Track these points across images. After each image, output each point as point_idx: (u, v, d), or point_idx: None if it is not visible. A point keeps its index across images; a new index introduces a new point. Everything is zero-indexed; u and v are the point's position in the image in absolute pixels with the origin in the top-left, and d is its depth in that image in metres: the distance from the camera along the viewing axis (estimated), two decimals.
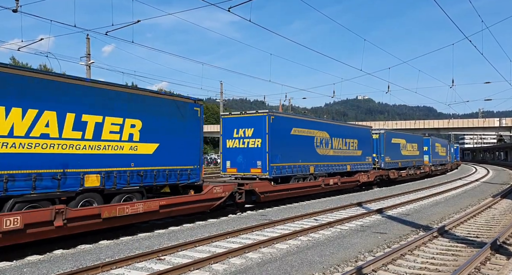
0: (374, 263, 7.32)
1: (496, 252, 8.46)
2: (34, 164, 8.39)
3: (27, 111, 8.27)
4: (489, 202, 16.79)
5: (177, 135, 11.84)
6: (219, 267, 7.46)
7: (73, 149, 9.11)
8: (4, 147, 7.91)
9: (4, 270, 7.32)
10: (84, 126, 9.38)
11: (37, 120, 8.46)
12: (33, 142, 8.40)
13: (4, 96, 7.90)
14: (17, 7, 13.25)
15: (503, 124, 73.68)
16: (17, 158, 8.10)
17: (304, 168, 17.86)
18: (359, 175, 22.35)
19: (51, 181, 8.71)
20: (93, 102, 9.57)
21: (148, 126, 10.92)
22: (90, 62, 25.30)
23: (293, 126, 17.24)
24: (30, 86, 8.36)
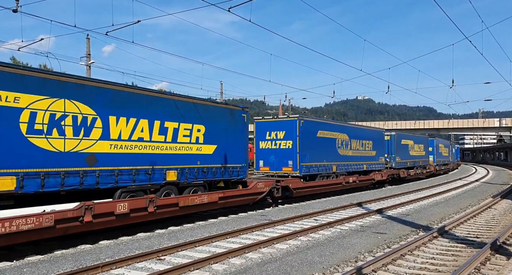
0: (374, 263, 7.32)
1: (496, 252, 8.46)
2: (134, 162, 10.51)
3: (129, 120, 10.41)
4: (489, 203, 16.79)
5: (230, 137, 13.89)
6: (219, 267, 7.46)
7: (158, 149, 11.24)
8: (115, 148, 10.04)
9: (4, 270, 7.32)
10: (166, 131, 11.51)
11: (135, 127, 10.60)
12: (133, 144, 10.54)
13: (115, 108, 10.04)
14: (17, 7, 13.26)
15: (503, 124, 73.73)
16: (123, 157, 10.24)
17: (328, 167, 19.67)
18: (374, 174, 24.05)
19: (145, 176, 10.82)
20: (171, 111, 11.69)
21: (210, 130, 13.04)
22: (90, 62, 25.31)
23: (318, 129, 19.03)
24: (131, 99, 10.49)
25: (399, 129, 70.25)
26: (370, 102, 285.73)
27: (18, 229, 7.59)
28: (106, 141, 9.82)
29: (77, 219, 8.76)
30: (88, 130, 9.45)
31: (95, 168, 9.56)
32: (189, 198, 11.74)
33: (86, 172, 9.39)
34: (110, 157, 9.88)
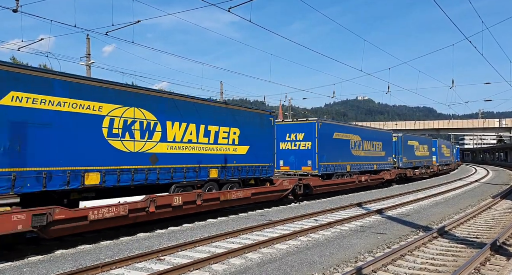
0: (374, 263, 7.32)
1: (496, 253, 8.46)
2: (185, 161, 12.04)
3: (181, 124, 12.01)
4: (489, 203, 16.78)
5: (260, 139, 15.38)
6: (219, 267, 7.46)
7: (203, 150, 12.80)
8: (171, 149, 11.60)
9: (4, 270, 7.31)
10: (209, 134, 13.05)
11: (186, 130, 12.18)
12: (184, 145, 12.11)
13: (171, 114, 11.66)
14: (17, 7, 13.25)
15: (503, 124, 73.75)
16: (177, 156, 11.80)
17: (343, 166, 21.04)
18: (383, 173, 25.63)
19: (193, 173, 12.36)
20: (213, 116, 13.21)
21: (244, 133, 14.54)
22: (90, 62, 25.31)
23: (334, 131, 20.42)
24: (182, 106, 12.10)
25: (400, 129, 70.26)
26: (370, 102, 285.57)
27: (103, 217, 9.37)
28: (164, 143, 11.46)
29: (143, 210, 10.48)
30: (151, 134, 11.08)
31: (156, 166, 11.17)
32: (228, 193, 13.41)
33: (150, 170, 10.97)
34: (167, 156, 11.50)
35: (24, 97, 8.35)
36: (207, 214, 13.40)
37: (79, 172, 9.22)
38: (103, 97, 9.82)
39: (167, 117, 11.55)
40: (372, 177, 23.90)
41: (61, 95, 9.00)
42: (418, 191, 22.92)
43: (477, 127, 77.24)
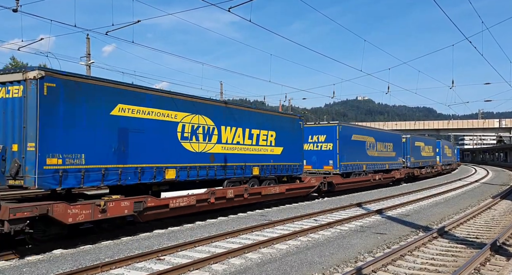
0: (374, 263, 7.31)
1: (496, 253, 8.46)
2: (234, 160, 13.99)
3: (232, 128, 14.00)
4: (488, 203, 16.79)
5: (292, 141, 17.21)
6: (219, 267, 7.46)
7: (248, 151, 14.75)
8: (224, 149, 13.59)
9: (4, 269, 7.31)
10: (252, 136, 15.01)
11: (235, 133, 14.15)
12: (234, 146, 14.07)
13: (224, 119, 13.70)
14: (17, 6, 13.24)
15: (502, 125, 73.74)
16: (229, 156, 13.76)
17: (360, 166, 22.76)
18: (394, 172, 27.55)
19: (240, 170, 14.31)
20: (255, 121, 15.23)
21: (279, 135, 16.44)
22: (90, 62, 25.30)
23: (353, 133, 22.15)
24: (232, 113, 14.15)
25: (400, 129, 70.25)
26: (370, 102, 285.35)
27: (179, 205, 11.48)
28: (219, 144, 13.37)
29: (206, 200, 12.45)
30: (210, 136, 13.04)
31: (214, 164, 13.11)
32: (268, 189, 15.40)
33: (210, 167, 12.91)
34: (221, 156, 13.42)
35: (126, 108, 10.32)
36: (207, 214, 13.40)
37: (162, 168, 11.21)
38: (177, 107, 11.86)
39: (222, 122, 13.55)
40: (385, 176, 25.78)
41: (149, 106, 10.96)
42: (418, 191, 22.92)
43: (477, 128, 77.24)
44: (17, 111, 8.53)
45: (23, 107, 8.44)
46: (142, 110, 10.72)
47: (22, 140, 8.42)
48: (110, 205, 9.53)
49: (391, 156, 27.45)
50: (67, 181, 8.93)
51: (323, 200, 18.63)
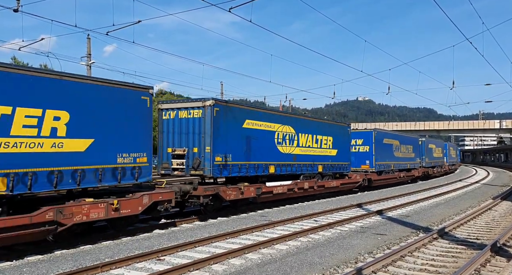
0: (374, 264, 7.31)
1: (496, 254, 8.45)
2: (307, 159, 17.81)
3: (305, 135, 17.78)
4: (489, 204, 16.77)
5: (343, 144, 20.97)
6: (219, 267, 7.46)
7: (315, 152, 18.46)
8: (301, 151, 17.38)
9: (4, 269, 7.31)
10: (318, 141, 18.75)
11: (307, 138, 17.93)
12: (306, 149, 17.87)
13: (301, 128, 17.46)
14: (18, 6, 13.27)
15: (503, 126, 73.63)
16: (304, 156, 17.64)
17: (389, 165, 26.66)
18: (414, 171, 31.53)
19: (310, 168, 18.06)
20: (319, 128, 19.04)
21: (334, 139, 20.12)
22: (91, 62, 25.31)
23: (384, 137, 26.10)
24: (305, 123, 18.30)
25: (400, 130, 70.21)
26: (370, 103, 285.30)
27: (277, 192, 15.65)
28: (298, 147, 17.27)
29: (292, 190, 16.45)
30: (292, 141, 16.90)
31: (295, 162, 17.01)
32: (329, 183, 19.27)
33: (292, 165, 16.84)
34: (299, 156, 17.28)
35: (250, 122, 14.54)
36: (206, 214, 13.39)
37: (267, 165, 15.27)
38: (275, 119, 15.98)
39: (300, 130, 17.38)
40: (407, 174, 29.93)
41: (261, 120, 15.16)
42: (418, 192, 22.91)
43: (478, 128, 77.14)
44: (197, 126, 12.98)
45: (202, 124, 12.84)
46: (258, 123, 14.97)
47: (201, 145, 12.77)
48: (245, 189, 13.94)
49: (411, 157, 31.44)
50: (224, 172, 13.32)
51: (324, 201, 18.64)
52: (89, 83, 9.40)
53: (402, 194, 21.20)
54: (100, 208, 9.19)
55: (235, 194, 13.54)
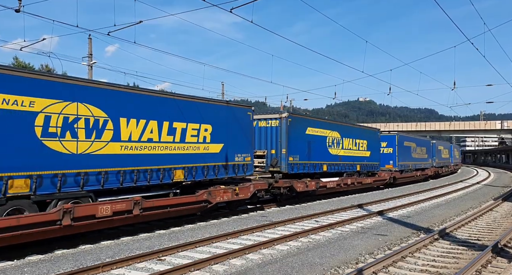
0: (375, 265, 7.30)
1: (497, 255, 8.44)
2: (350, 159, 21.26)
3: (348, 139, 21.19)
4: (490, 205, 16.75)
5: (374, 146, 24.55)
6: (220, 268, 7.46)
7: (354, 153, 21.88)
8: (344, 152, 20.72)
9: (5, 269, 7.32)
10: (356, 143, 22.11)
11: (349, 142, 21.25)
12: (348, 151, 21.22)
13: (346, 132, 21.04)
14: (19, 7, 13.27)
15: (504, 126, 73.45)
16: (347, 157, 20.91)
17: (408, 165, 30.34)
18: (427, 170, 35.44)
19: (352, 166, 21.57)
20: (356, 133, 22.43)
21: (368, 143, 23.56)
22: (92, 62, 25.33)
23: (404, 140, 29.87)
24: (347, 128, 21.69)
25: (401, 130, 70.11)
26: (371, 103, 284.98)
27: (330, 186, 18.99)
28: (342, 149, 20.60)
29: (339, 185, 19.78)
30: (338, 144, 20.37)
31: (341, 162, 20.48)
32: (365, 179, 22.54)
33: (338, 164, 20.25)
34: (343, 157, 20.66)
35: (310, 129, 18.08)
36: (207, 214, 13.39)
37: (321, 164, 18.60)
38: (326, 126, 19.41)
39: (344, 135, 20.85)
40: (422, 173, 33.70)
41: (317, 127, 18.67)
42: (419, 193, 22.88)
43: (479, 129, 76.94)
44: (274, 133, 16.55)
45: (279, 131, 16.44)
46: (315, 130, 18.47)
47: (278, 148, 16.32)
48: (309, 183, 17.42)
49: (425, 157, 35.06)
50: (294, 169, 16.74)
51: (325, 201, 18.62)
52: (220, 104, 13.77)
53: (404, 195, 21.18)
54: (228, 192, 13.11)
55: (303, 186, 17.19)
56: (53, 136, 8.79)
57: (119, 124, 10.12)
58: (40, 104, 8.56)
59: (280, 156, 16.22)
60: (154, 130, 10.99)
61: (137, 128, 10.55)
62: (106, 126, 9.83)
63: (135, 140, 10.49)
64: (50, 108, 8.74)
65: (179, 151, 11.68)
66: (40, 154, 8.54)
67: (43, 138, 8.62)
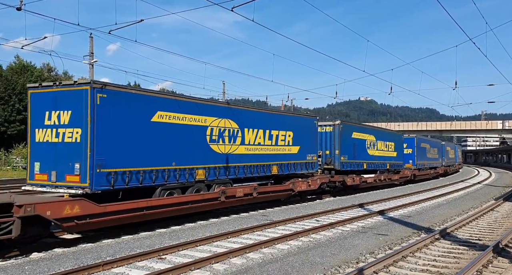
0: (376, 264, 7.29)
1: (498, 255, 8.42)
2: (381, 159, 25.19)
3: (380, 141, 25.03)
4: (491, 205, 16.72)
5: (400, 148, 28.62)
6: (220, 267, 7.45)
7: (385, 154, 25.92)
8: (379, 153, 24.91)
9: (6, 267, 7.33)
10: (387, 145, 26.04)
11: (381, 145, 25.39)
12: (379, 152, 24.85)
13: (380, 136, 25.36)
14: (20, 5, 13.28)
15: (506, 126, 73.31)
16: (379, 157, 24.92)
17: (424, 164, 34.53)
18: (438, 169, 39.92)
19: (383, 165, 25.64)
20: (389, 137, 26.70)
21: (395, 145, 27.72)
22: (93, 61, 25.34)
23: (421, 142, 34.32)
24: (381, 132, 26.44)
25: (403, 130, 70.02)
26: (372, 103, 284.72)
27: (369, 182, 22.92)
28: (377, 150, 24.49)
29: (375, 181, 23.35)
30: (374, 146, 23.72)
31: (375, 161, 24.00)
32: (393, 176, 26.44)
33: (374, 163, 23.82)
34: (377, 157, 24.12)
35: (355, 134, 21.62)
36: (206, 214, 13.40)
37: (362, 163, 22.08)
38: (366, 131, 23.27)
39: (378, 138, 24.54)
40: (434, 171, 38.21)
41: (360, 132, 22.33)
42: (420, 193, 22.86)
43: (480, 129, 76.83)
44: (328, 137, 20.09)
45: (333, 136, 20.01)
46: (358, 134, 22.14)
47: (332, 149, 19.89)
48: (355, 179, 21.11)
49: (436, 157, 39.43)
50: (344, 167, 20.42)
51: (325, 201, 18.61)
52: (297, 116, 18.85)
53: (405, 194, 21.17)
54: (304, 184, 16.96)
55: (351, 181, 20.66)
56: (214, 142, 12.97)
57: (244, 132, 14.33)
58: (208, 120, 12.78)
59: (333, 156, 19.89)
60: (261, 136, 15.18)
61: (252, 135, 14.74)
62: (238, 134, 14.01)
63: (252, 144, 14.70)
64: (213, 123, 12.95)
65: (274, 152, 15.85)
66: (209, 153, 12.74)
67: (210, 143, 12.82)
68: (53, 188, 9.73)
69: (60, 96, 9.79)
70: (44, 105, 10.03)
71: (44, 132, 10.01)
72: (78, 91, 9.50)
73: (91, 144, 9.23)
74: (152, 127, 10.80)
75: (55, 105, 9.82)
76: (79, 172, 9.31)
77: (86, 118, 9.28)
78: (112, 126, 9.74)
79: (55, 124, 9.79)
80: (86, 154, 9.23)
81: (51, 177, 9.74)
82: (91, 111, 9.28)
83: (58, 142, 9.72)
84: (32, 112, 10.34)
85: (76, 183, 9.36)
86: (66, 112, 9.65)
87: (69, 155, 9.47)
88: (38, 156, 10.09)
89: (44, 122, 9.99)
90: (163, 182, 11.11)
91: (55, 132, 9.79)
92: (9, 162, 40.91)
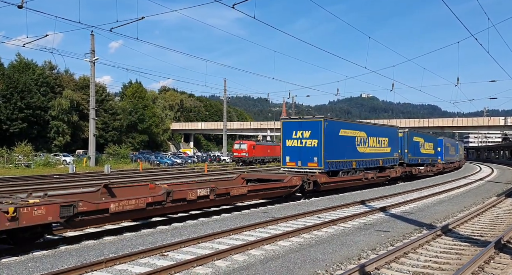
0: (377, 261, 7.31)
1: (500, 251, 8.43)
2: (426, 156, 34.41)
3: (427, 143, 35.09)
4: (493, 201, 16.71)
5: (436, 147, 36.84)
6: (222, 263, 7.48)
7: (428, 152, 34.93)
8: (425, 151, 34.33)
9: (9, 264, 7.37)
10: (430, 146, 35.94)
11: (428, 145, 35.09)
12: (426, 150, 34.33)
13: (426, 139, 35.83)
14: (22, 3, 13.29)
15: (508, 123, 73.18)
16: (425, 154, 34.26)
17: (448, 160, 42.04)
18: (456, 163, 48.21)
19: (428, 161, 34.53)
20: (428, 139, 35.75)
21: (434, 145, 36.62)
22: (95, 58, 25.35)
23: (447, 142, 41.12)
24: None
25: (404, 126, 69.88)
26: (374, 100, 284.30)
27: (422, 171, 31.58)
28: (425, 149, 33.85)
29: (425, 171, 32.30)
30: (424, 146, 33.80)
31: (424, 157, 33.11)
32: (431, 168, 34.27)
33: (424, 159, 33.59)
34: (424, 154, 33.26)
35: (415, 137, 30.80)
36: (209, 213, 13.44)
37: (418, 158, 30.95)
38: (419, 135, 32.01)
39: (426, 141, 32.04)
40: (452, 165, 44.84)
41: (418, 136, 31.56)
42: (422, 189, 22.84)
43: (482, 125, 76.76)
44: (400, 140, 27.73)
45: (403, 139, 28.45)
46: (416, 137, 28.98)
47: (403, 148, 28.13)
48: (417, 169, 29.81)
49: (454, 154, 46.70)
50: (410, 161, 29.20)
51: (326, 198, 18.62)
52: (389, 127, 28.83)
53: (407, 191, 21.17)
54: (394, 172, 25.02)
55: (415, 171, 28.77)
56: (359, 145, 21.71)
57: (369, 139, 22.59)
58: (355, 133, 21.45)
59: (403, 153, 28.14)
60: (374, 141, 23.31)
61: (372, 141, 22.90)
62: (367, 140, 22.32)
63: (371, 146, 23.01)
64: (358, 134, 21.64)
65: (379, 151, 24.01)
66: (356, 153, 21.51)
67: (357, 147, 21.56)
68: (300, 169, 18.96)
69: (304, 123, 19.32)
70: (292, 127, 19.33)
71: (291, 141, 19.38)
72: (317, 121, 18.99)
73: (323, 147, 18.66)
74: (339, 138, 20.11)
75: (299, 127, 19.13)
76: (317, 161, 18.63)
77: (321, 135, 18.60)
78: (329, 138, 18.97)
79: (299, 137, 19.06)
80: (321, 152, 18.57)
81: (298, 164, 19.21)
82: (323, 131, 18.57)
83: (302, 147, 19.03)
84: (284, 131, 19.63)
85: (315, 167, 18.70)
86: (307, 131, 18.92)
87: (311, 153, 18.74)
88: (288, 153, 19.45)
89: (292, 136, 19.32)
90: (342, 168, 20.38)
91: (299, 141, 19.13)
92: (11, 160, 41.03)
